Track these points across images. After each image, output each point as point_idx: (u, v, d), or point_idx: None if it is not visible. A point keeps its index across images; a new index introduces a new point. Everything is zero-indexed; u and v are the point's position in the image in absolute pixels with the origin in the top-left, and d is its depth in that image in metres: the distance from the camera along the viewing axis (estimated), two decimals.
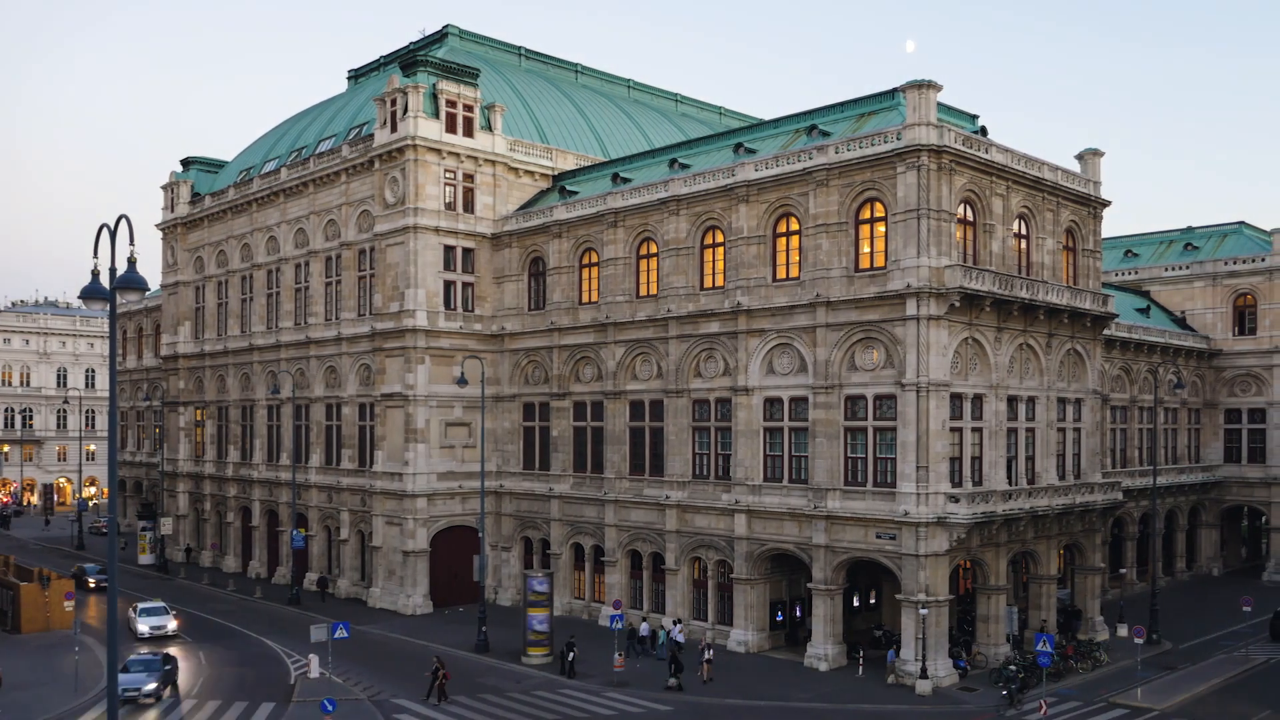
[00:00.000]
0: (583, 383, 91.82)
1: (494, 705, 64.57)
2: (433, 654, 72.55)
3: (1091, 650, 76.97)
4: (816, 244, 74.26)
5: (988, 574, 74.22)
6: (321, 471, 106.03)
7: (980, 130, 78.76)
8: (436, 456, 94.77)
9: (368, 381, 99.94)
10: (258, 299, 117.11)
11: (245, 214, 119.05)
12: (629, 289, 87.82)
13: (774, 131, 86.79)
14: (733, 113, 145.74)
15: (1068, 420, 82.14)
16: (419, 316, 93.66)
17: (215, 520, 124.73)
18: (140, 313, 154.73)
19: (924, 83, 68.59)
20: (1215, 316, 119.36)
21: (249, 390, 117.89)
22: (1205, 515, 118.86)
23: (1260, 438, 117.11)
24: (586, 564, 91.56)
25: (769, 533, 76.67)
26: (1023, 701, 64.51)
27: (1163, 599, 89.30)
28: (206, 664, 75.16)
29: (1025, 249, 78.50)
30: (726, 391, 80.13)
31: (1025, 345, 76.98)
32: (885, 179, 70.59)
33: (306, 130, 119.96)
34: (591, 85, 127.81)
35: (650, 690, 68.08)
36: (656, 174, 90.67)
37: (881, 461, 71.20)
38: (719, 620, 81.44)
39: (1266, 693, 68.86)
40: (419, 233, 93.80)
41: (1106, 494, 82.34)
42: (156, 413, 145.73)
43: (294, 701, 64.01)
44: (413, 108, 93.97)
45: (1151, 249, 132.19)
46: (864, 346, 72.02)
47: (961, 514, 67.74)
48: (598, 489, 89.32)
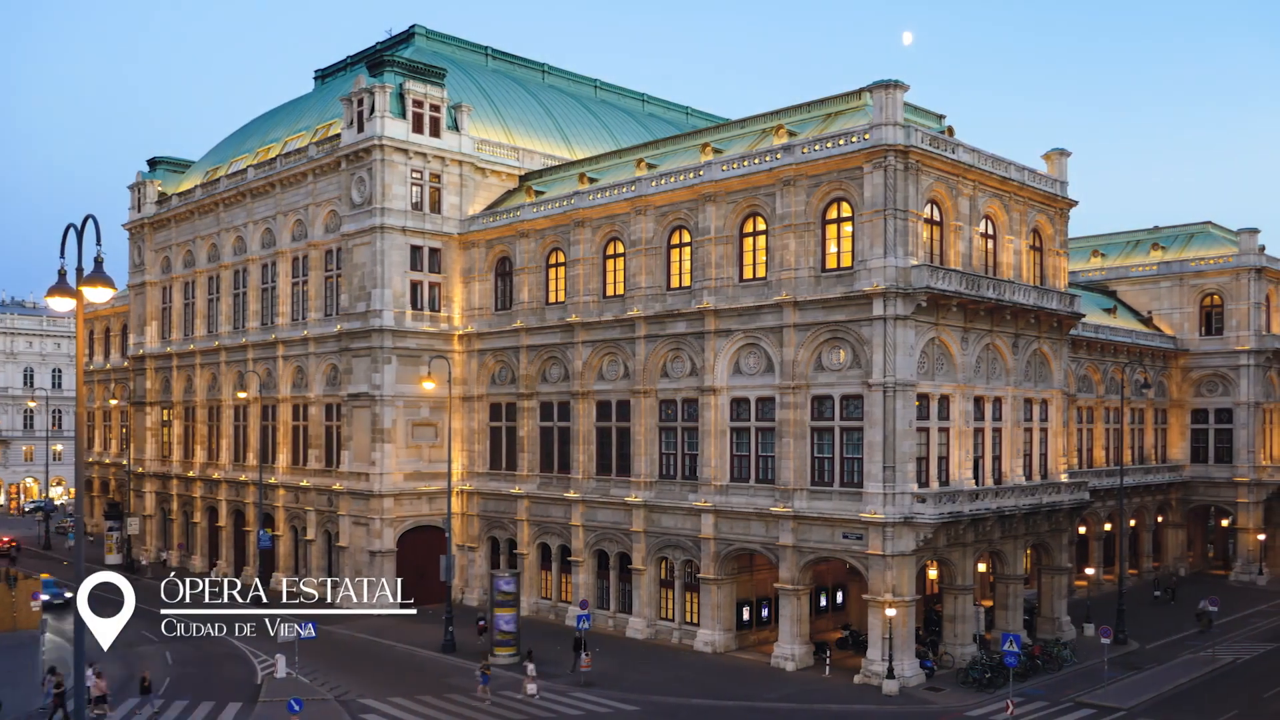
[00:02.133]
0: (550, 383, 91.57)
1: (461, 705, 64.48)
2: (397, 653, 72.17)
3: (1058, 650, 77.02)
4: (783, 244, 74.18)
5: (955, 574, 74.27)
6: (288, 472, 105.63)
7: (947, 130, 78.80)
8: (403, 456, 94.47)
9: (334, 381, 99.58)
10: (224, 299, 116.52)
11: (212, 214, 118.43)
12: (596, 289, 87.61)
13: (741, 131, 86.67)
14: (700, 112, 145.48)
15: (1034, 420, 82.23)
16: (386, 316, 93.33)
17: (182, 520, 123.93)
18: (108, 313, 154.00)
19: (890, 83, 68.63)
20: (1182, 316, 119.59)
21: (216, 390, 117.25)
22: (1172, 515, 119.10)
23: (1227, 438, 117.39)
24: (553, 564, 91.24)
25: (735, 533, 76.58)
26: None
27: (1129, 599, 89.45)
28: (173, 663, 74.83)
29: (992, 249, 78.58)
30: (693, 392, 80.00)
31: (992, 345, 77.05)
32: (852, 179, 70.54)
33: (273, 130, 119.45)
34: (558, 85, 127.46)
35: (618, 690, 67.93)
36: (624, 174, 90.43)
37: (848, 461, 71.16)
38: (685, 620, 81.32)
39: (1233, 693, 69.12)
40: (386, 233, 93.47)
41: (1073, 494, 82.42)
42: (123, 413, 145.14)
43: (261, 701, 64.04)
44: (379, 108, 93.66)
45: (1118, 249, 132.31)
46: (831, 346, 71.98)
47: (928, 514, 67.76)
48: (564, 489, 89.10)
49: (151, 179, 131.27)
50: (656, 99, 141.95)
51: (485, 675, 66.54)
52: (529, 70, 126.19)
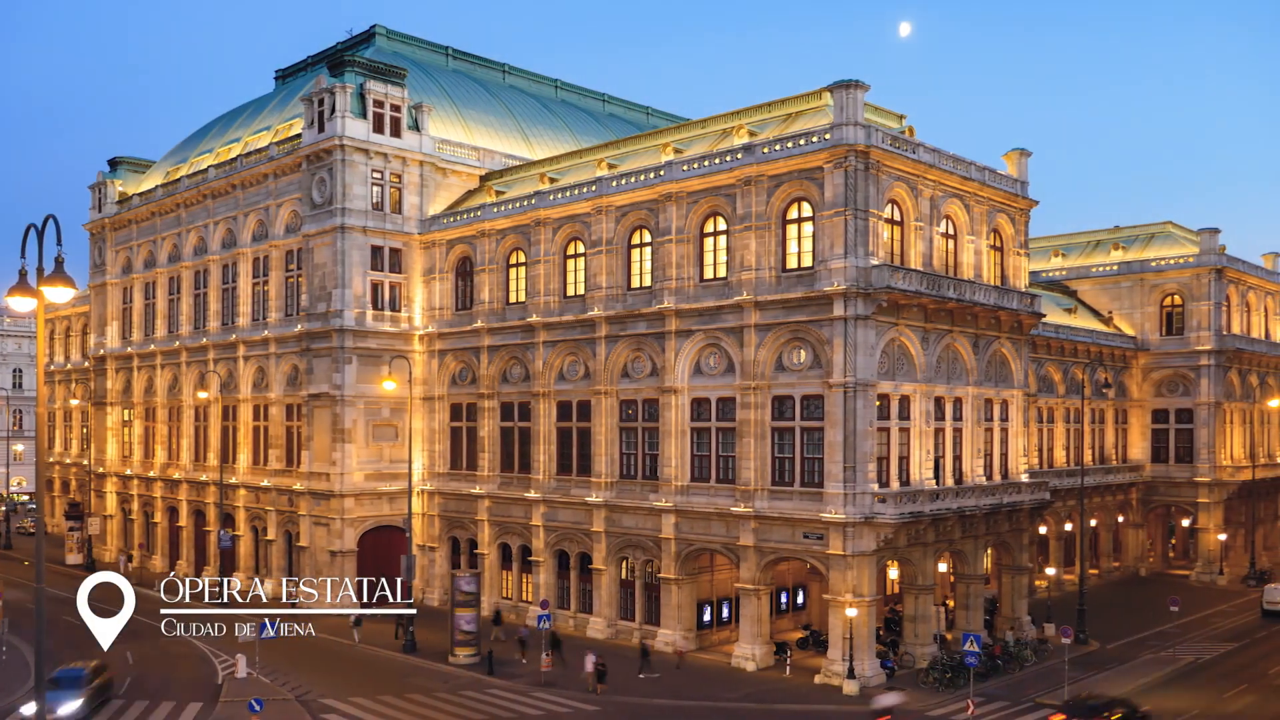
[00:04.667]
0: (510, 383, 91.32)
1: (421, 705, 64.39)
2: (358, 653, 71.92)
3: (1019, 650, 77.12)
4: (744, 244, 74.15)
5: (915, 574, 74.33)
6: (249, 472, 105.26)
7: (908, 130, 78.78)
8: (364, 457, 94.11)
9: (295, 382, 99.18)
10: (185, 299, 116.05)
11: (173, 214, 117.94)
12: (557, 289, 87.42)
13: (702, 131, 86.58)
14: (660, 112, 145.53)
15: (995, 420, 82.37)
16: (347, 316, 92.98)
17: (143, 520, 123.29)
18: (70, 313, 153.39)
19: (851, 82, 68.67)
20: (1143, 316, 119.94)
21: (177, 390, 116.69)
22: (1133, 515, 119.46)
23: (1188, 438, 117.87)
24: (514, 564, 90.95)
25: (696, 533, 76.51)
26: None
27: (1090, 599, 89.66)
28: (134, 663, 74.37)
29: (953, 249, 78.68)
30: (654, 392, 79.88)
31: (953, 345, 77.17)
32: (812, 179, 70.51)
33: (234, 130, 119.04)
34: (519, 85, 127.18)
35: (578, 690, 67.82)
36: (585, 174, 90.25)
37: (809, 461, 71.16)
38: (646, 620, 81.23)
39: (1193, 692, 69.40)
40: (347, 232, 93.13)
41: (1034, 494, 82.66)
42: (84, 413, 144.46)
43: (222, 701, 64.19)
44: (340, 108, 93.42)
45: (1079, 249, 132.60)
46: (792, 347, 71.97)
47: (889, 514, 67.84)
48: (525, 489, 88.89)
49: (112, 179, 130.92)
50: (617, 99, 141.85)
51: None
52: (490, 70, 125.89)
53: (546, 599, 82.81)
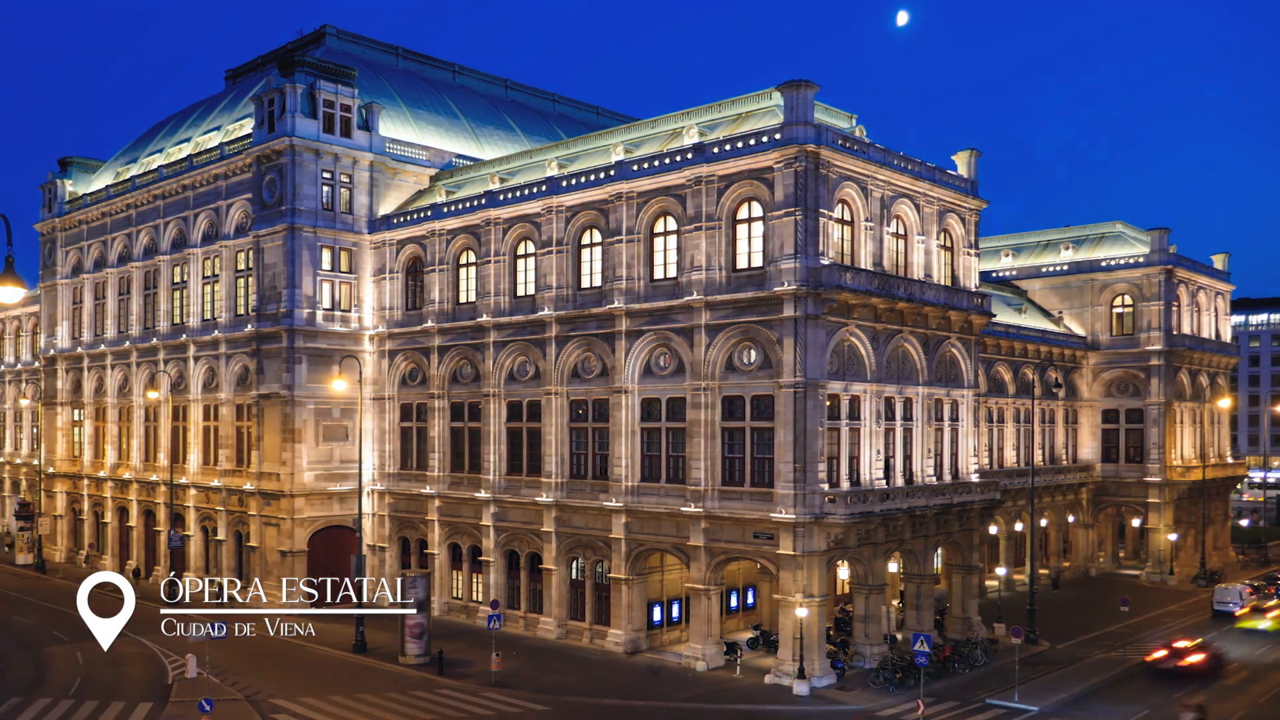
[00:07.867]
0: (461, 383, 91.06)
1: (371, 705, 64.21)
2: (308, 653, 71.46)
3: (969, 650, 77.32)
4: (695, 244, 74.15)
5: (866, 573, 74.38)
6: (199, 472, 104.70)
7: (858, 129, 78.91)
8: (314, 457, 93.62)
9: (246, 382, 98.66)
10: (136, 299, 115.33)
11: (124, 214, 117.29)
12: (507, 289, 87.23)
13: (653, 131, 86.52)
14: (610, 111, 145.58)
15: (945, 420, 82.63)
16: (297, 316, 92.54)
17: (93, 520, 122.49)
18: (20, 312, 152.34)
19: (801, 82, 68.78)
20: (1093, 316, 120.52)
21: (127, 390, 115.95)
22: (1083, 515, 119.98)
23: (1138, 438, 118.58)
24: (464, 564, 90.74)
25: (646, 533, 76.48)
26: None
27: (1040, 599, 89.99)
28: (84, 663, 73.97)
29: (903, 249, 78.92)
30: (604, 392, 79.80)
31: (903, 345, 77.36)
32: (763, 179, 70.60)
33: (185, 130, 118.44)
34: (470, 84, 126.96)
35: (529, 689, 67.69)
36: (535, 174, 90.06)
37: (759, 461, 71.27)
38: (596, 620, 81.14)
39: (1143, 692, 69.71)
40: (297, 233, 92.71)
41: (984, 494, 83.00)
42: (34, 412, 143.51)
43: (172, 701, 64.12)
44: (290, 108, 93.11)
45: (1030, 249, 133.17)
46: (742, 347, 72.02)
47: (839, 514, 67.99)
48: (475, 489, 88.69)
49: (63, 179, 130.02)
50: (567, 98, 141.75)
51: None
52: (440, 70, 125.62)
53: (497, 599, 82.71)
